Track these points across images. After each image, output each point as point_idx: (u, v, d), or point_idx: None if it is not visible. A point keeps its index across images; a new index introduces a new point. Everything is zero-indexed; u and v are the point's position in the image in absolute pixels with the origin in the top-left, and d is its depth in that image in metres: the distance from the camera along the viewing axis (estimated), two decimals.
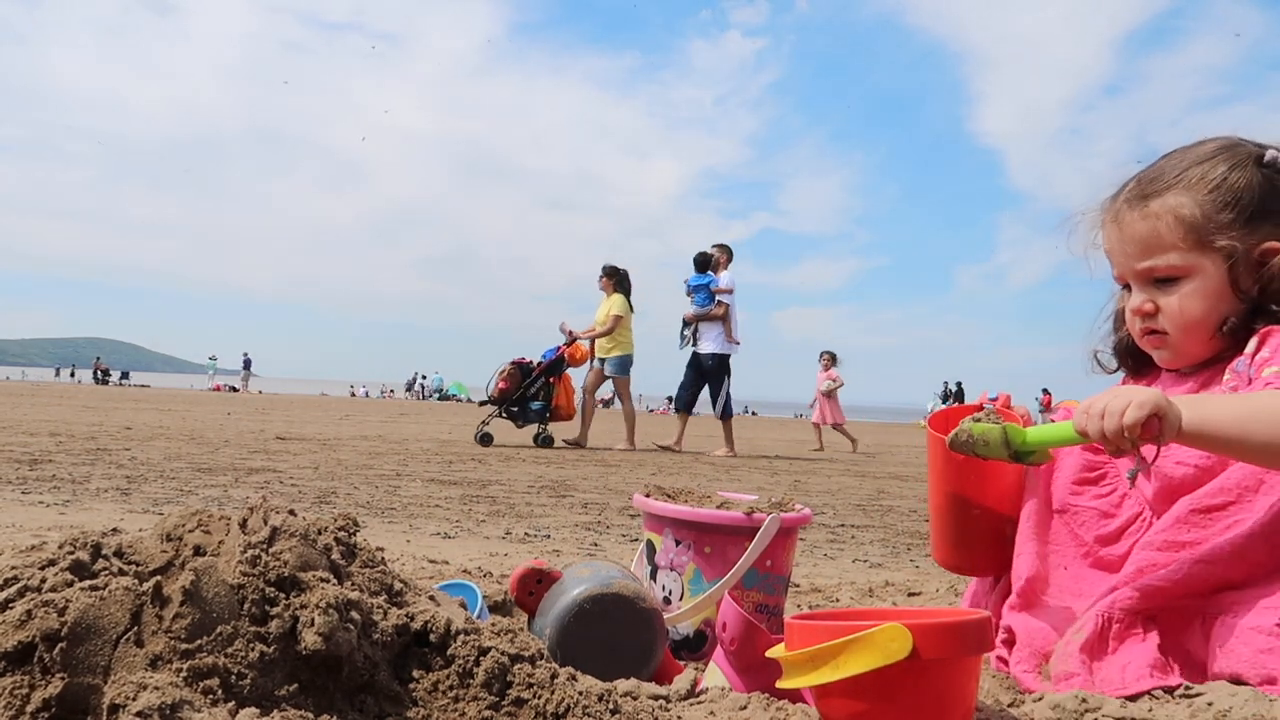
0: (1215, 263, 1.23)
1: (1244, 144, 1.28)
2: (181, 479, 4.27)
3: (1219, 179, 1.23)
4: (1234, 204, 1.22)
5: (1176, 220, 1.24)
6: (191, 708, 0.80)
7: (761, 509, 1.51)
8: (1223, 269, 1.23)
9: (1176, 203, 1.24)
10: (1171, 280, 1.27)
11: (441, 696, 0.94)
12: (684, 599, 1.51)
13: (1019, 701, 1.14)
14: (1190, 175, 1.25)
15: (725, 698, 1.09)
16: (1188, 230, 1.23)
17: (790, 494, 4.14)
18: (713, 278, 8.75)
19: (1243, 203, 1.22)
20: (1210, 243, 1.23)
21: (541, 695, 0.94)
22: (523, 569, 1.32)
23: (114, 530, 0.99)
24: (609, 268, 9.03)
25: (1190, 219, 1.23)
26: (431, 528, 3.10)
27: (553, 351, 8.70)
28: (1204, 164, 1.26)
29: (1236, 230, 1.22)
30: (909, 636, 0.94)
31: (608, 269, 9.02)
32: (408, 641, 0.97)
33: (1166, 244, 1.25)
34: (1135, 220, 1.28)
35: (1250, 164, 1.24)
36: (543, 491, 4.53)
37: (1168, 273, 1.27)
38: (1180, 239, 1.24)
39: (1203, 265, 1.24)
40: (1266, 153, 1.26)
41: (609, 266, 9.04)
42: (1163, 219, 1.25)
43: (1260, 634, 1.08)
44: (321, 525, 1.02)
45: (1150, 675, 1.14)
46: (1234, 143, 1.29)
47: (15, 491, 3.51)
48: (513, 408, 8.55)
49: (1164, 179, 1.27)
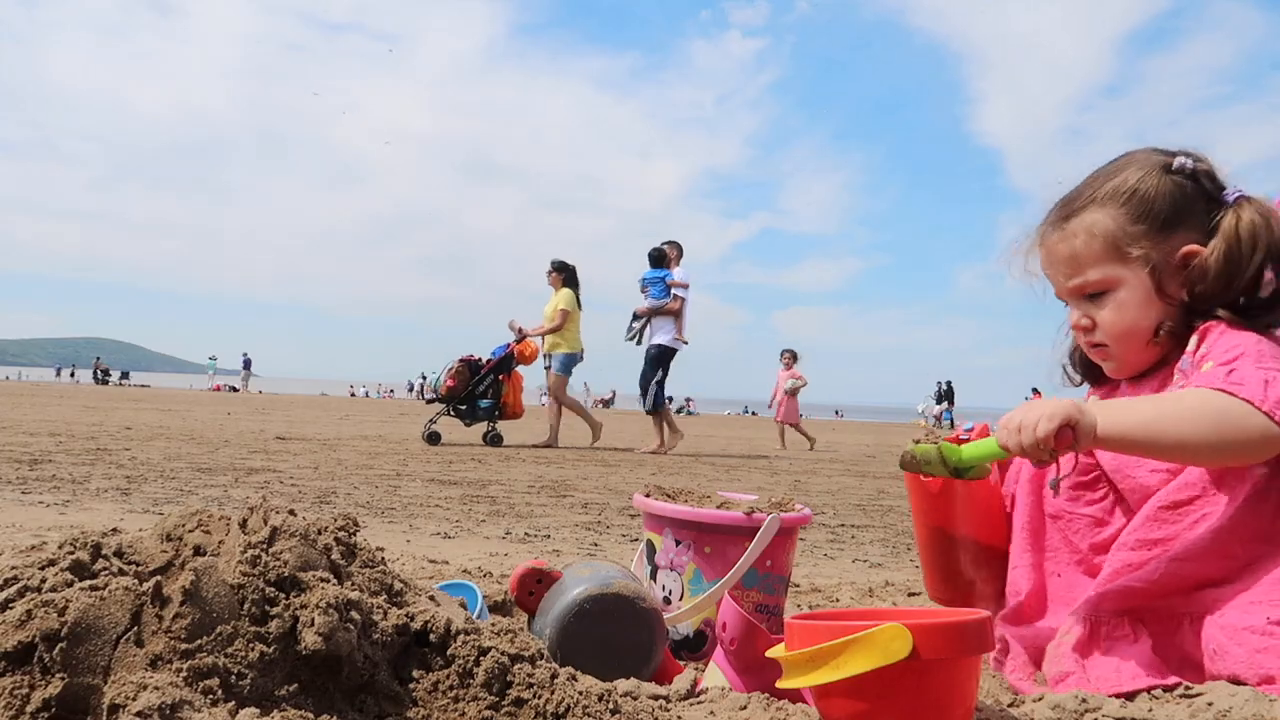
0: (1137, 272, 1.28)
1: (1156, 154, 1.32)
2: (181, 479, 4.27)
3: (1129, 191, 1.27)
4: (1146, 214, 1.26)
5: (1093, 236, 1.29)
6: (191, 708, 0.80)
7: (761, 509, 1.51)
8: (1145, 277, 1.27)
9: (1092, 220, 1.29)
10: (1101, 294, 1.31)
11: (441, 696, 0.94)
12: (684, 599, 1.51)
13: (1019, 701, 1.14)
14: (1103, 191, 1.30)
15: (725, 698, 1.09)
16: (1105, 245, 1.28)
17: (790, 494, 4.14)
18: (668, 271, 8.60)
19: (1154, 211, 1.26)
20: (1129, 254, 1.27)
21: (541, 695, 0.94)
22: (523, 569, 1.32)
23: (114, 530, 0.99)
24: (557, 262, 8.88)
25: (1106, 233, 1.28)
26: (431, 528, 3.10)
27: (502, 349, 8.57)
28: (1116, 179, 1.30)
29: (1152, 239, 1.26)
30: (909, 636, 0.94)
31: (556, 264, 8.88)
32: (408, 641, 0.97)
33: (1088, 260, 1.30)
34: (1058, 241, 1.33)
35: (1159, 173, 1.28)
36: (543, 491, 4.53)
37: (1095, 287, 1.31)
38: (1100, 254, 1.29)
39: (1126, 276, 1.28)
40: (1174, 160, 1.29)
41: (557, 261, 8.89)
42: (1080, 237, 1.30)
43: (1254, 634, 1.08)
44: (321, 525, 1.02)
45: (1146, 674, 1.14)
46: (1146, 154, 1.32)
47: (15, 491, 3.51)
48: (461, 405, 8.41)
49: (1081, 198, 1.32)
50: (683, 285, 8.55)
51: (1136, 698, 1.11)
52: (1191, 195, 1.27)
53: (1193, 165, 1.28)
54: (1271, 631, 1.07)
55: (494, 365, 8.47)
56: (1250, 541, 1.13)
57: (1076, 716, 1.06)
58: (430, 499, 3.96)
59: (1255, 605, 1.10)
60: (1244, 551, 1.13)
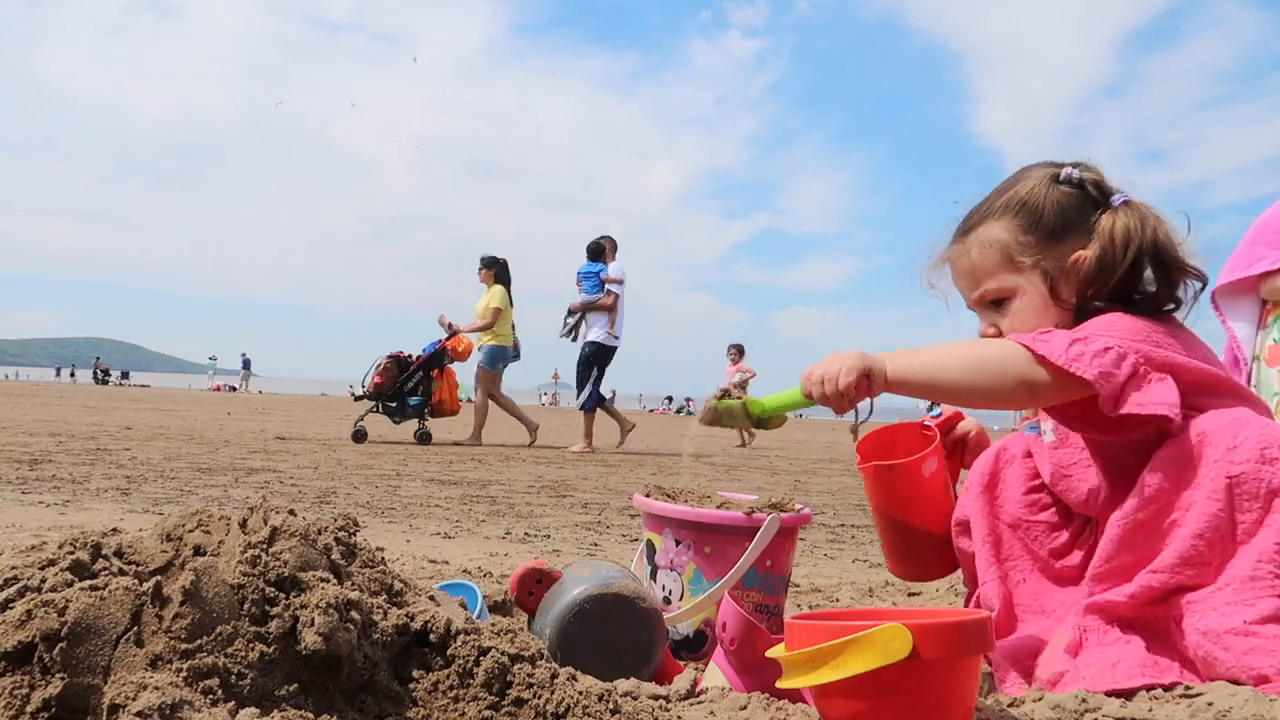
0: (1032, 279, 1.34)
1: (1048, 167, 1.38)
2: (181, 479, 4.27)
3: (1020, 203, 1.35)
4: (1036, 224, 1.33)
5: (989, 248, 1.36)
6: (191, 708, 0.80)
7: (761, 509, 1.51)
8: (1040, 284, 1.33)
9: (988, 233, 1.37)
10: (1001, 302, 1.37)
11: (441, 696, 0.94)
12: (684, 599, 1.51)
13: (1019, 701, 1.14)
14: (997, 205, 1.37)
15: (725, 698, 1.09)
16: (1000, 255, 1.36)
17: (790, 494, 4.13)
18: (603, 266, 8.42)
19: (1043, 221, 1.33)
20: (1023, 263, 1.34)
21: (541, 695, 0.94)
22: (523, 569, 1.32)
23: (114, 530, 0.99)
24: (487, 258, 8.71)
25: (1000, 244, 1.35)
26: (431, 528, 3.10)
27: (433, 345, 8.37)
28: (1008, 192, 1.37)
29: (1043, 247, 1.33)
30: (909, 636, 0.94)
31: (486, 260, 8.71)
32: (408, 641, 0.97)
33: (986, 271, 1.37)
34: (959, 255, 1.41)
35: (1048, 184, 1.35)
36: (543, 491, 4.53)
37: (995, 296, 1.37)
38: (996, 264, 1.36)
39: (1021, 284, 1.35)
40: (1062, 171, 1.35)
41: (487, 257, 8.72)
42: (977, 249, 1.37)
43: (1236, 636, 1.09)
44: (321, 525, 1.02)
45: (1141, 673, 1.15)
46: (1038, 168, 1.39)
47: (15, 491, 3.51)
48: (390, 403, 8.20)
49: (978, 213, 1.39)
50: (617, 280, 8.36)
51: (1136, 697, 1.11)
52: (1080, 203, 1.34)
53: (1079, 175, 1.34)
54: (1252, 632, 1.08)
55: (423, 362, 8.25)
56: (1218, 544, 1.14)
57: (1076, 716, 1.06)
58: (430, 499, 3.96)
59: (1231, 607, 1.10)
60: (1212, 554, 1.14)
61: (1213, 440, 1.17)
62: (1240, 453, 1.15)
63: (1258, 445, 1.15)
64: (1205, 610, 1.12)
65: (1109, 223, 1.30)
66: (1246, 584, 1.10)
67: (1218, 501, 1.14)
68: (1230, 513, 1.14)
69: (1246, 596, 1.10)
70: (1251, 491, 1.13)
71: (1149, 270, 1.29)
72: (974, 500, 1.47)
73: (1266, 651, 1.07)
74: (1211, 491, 1.15)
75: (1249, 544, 1.13)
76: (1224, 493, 1.14)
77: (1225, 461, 1.15)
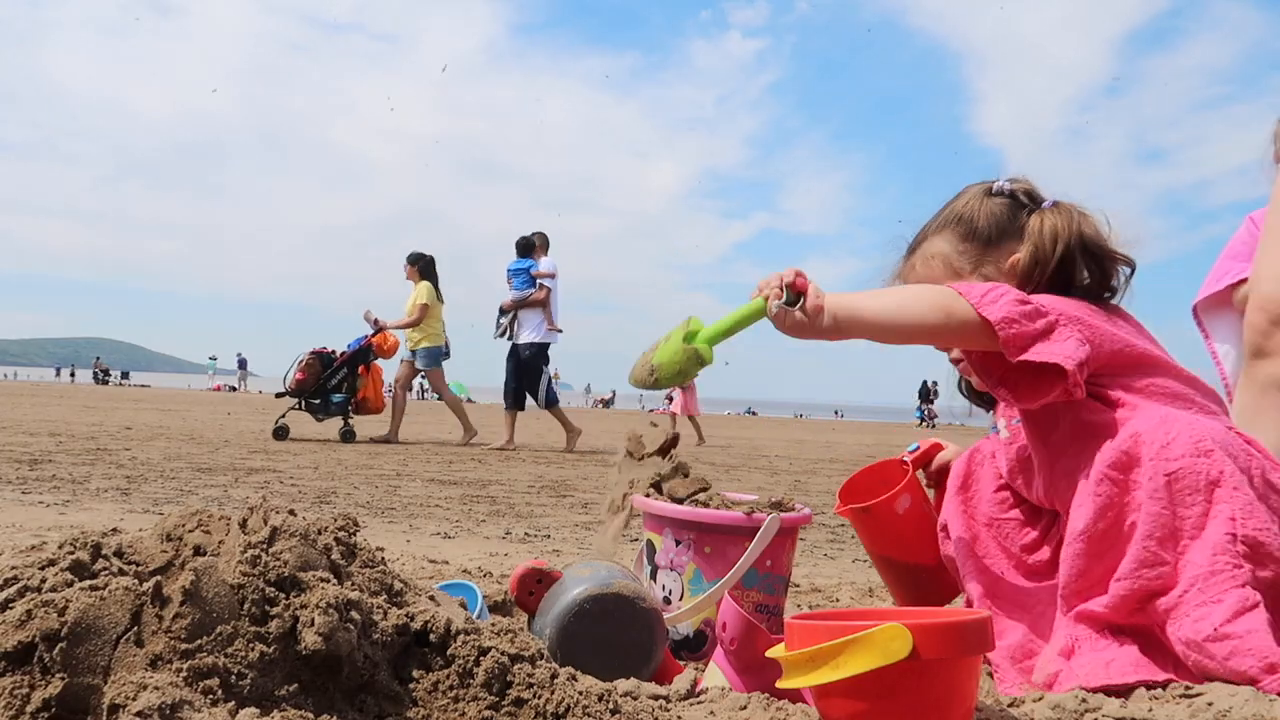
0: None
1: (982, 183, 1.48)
2: (181, 479, 4.27)
3: (957, 216, 1.44)
4: (973, 233, 1.43)
5: (933, 260, 1.45)
6: (191, 708, 0.80)
7: (761, 509, 1.51)
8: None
9: (931, 246, 1.46)
10: None
11: (441, 696, 0.94)
12: (684, 599, 1.51)
13: (1019, 701, 1.14)
14: (937, 221, 1.46)
15: (725, 698, 1.09)
16: (943, 265, 1.44)
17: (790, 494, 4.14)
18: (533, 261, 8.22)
19: (978, 229, 1.42)
20: (963, 271, 1.43)
21: (541, 695, 0.94)
22: (523, 569, 1.32)
23: (114, 530, 0.99)
24: (413, 255, 8.51)
25: (942, 255, 1.44)
26: (431, 528, 3.10)
27: (358, 342, 8.16)
28: (947, 208, 1.46)
29: (981, 254, 1.42)
30: (909, 636, 0.94)
31: (411, 256, 8.50)
32: (408, 641, 0.97)
33: (932, 282, 1.44)
34: (908, 271, 1.50)
35: (982, 196, 1.44)
36: (543, 491, 4.53)
37: None
38: (940, 275, 1.44)
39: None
40: (994, 184, 1.46)
41: (413, 254, 8.51)
42: (922, 263, 1.46)
43: (1215, 642, 1.09)
44: (321, 525, 1.02)
45: (1135, 670, 1.15)
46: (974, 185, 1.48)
47: (15, 491, 3.51)
48: (313, 400, 7.98)
49: (925, 230, 1.49)
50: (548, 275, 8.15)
51: (1135, 697, 1.11)
52: (1012, 211, 1.43)
53: (1010, 186, 1.45)
54: (1225, 635, 1.09)
55: (347, 359, 8.05)
56: (1169, 542, 1.16)
57: (1076, 716, 1.06)
58: (430, 499, 3.96)
59: (1201, 609, 1.11)
60: (1168, 553, 1.16)
61: (1146, 440, 1.19)
62: (1174, 449, 1.17)
63: (1191, 439, 1.17)
64: (1182, 618, 1.13)
65: (1037, 223, 1.39)
66: (1209, 581, 1.12)
67: (1160, 501, 1.16)
68: (1174, 509, 1.16)
69: (1212, 594, 1.11)
70: (1191, 485, 1.15)
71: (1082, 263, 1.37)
72: (950, 503, 1.53)
73: (1245, 652, 1.08)
74: (1152, 492, 1.17)
75: (1200, 539, 1.14)
76: (1164, 491, 1.16)
77: (1160, 460, 1.17)
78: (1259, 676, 1.06)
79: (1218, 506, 1.14)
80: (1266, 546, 1.12)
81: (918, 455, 1.70)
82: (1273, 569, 1.12)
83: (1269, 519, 1.14)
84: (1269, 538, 1.12)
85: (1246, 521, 1.12)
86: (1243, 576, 1.11)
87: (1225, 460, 1.16)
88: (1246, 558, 1.11)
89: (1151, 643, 1.18)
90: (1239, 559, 1.11)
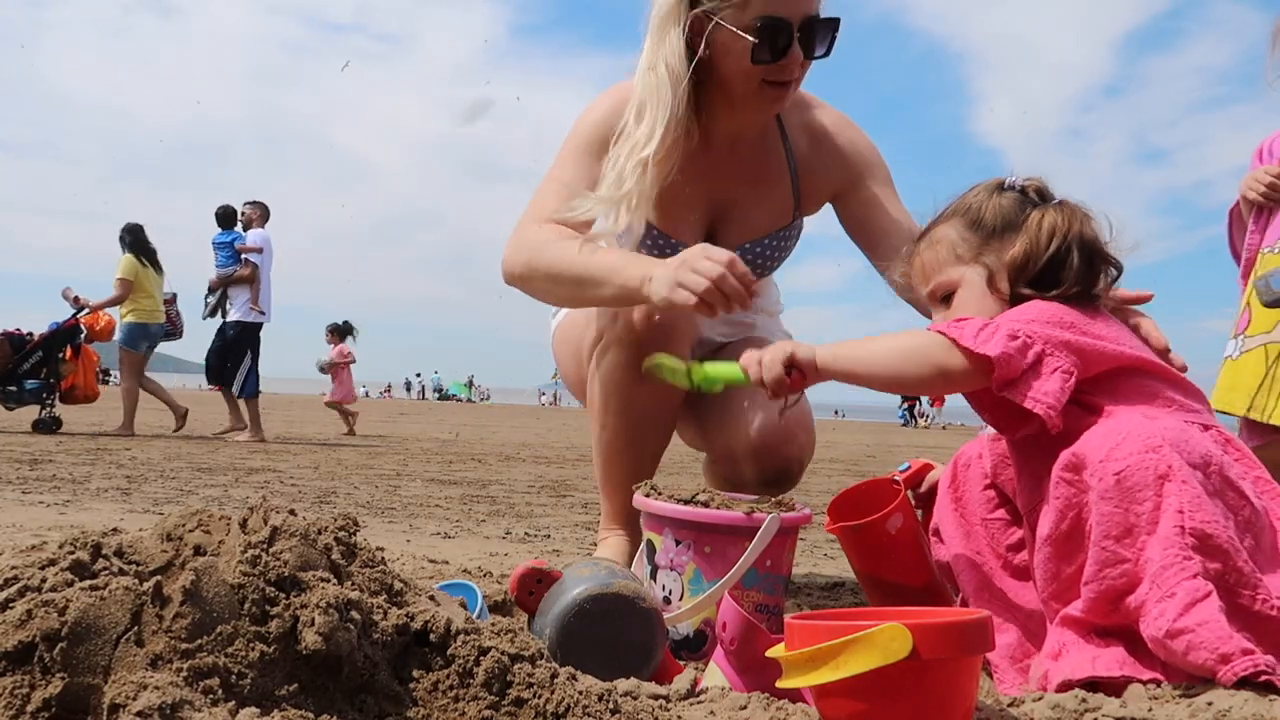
0: (975, 272, 1.46)
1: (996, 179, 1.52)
2: (181, 479, 4.27)
3: (967, 207, 1.49)
4: (978, 224, 1.47)
5: (938, 245, 1.51)
6: (192, 707, 0.80)
7: (761, 509, 1.51)
8: (980, 276, 1.45)
9: (939, 233, 1.51)
10: (949, 296, 1.49)
11: (441, 696, 0.94)
12: (684, 599, 1.51)
13: (1019, 701, 1.14)
14: (947, 212, 1.52)
15: (725, 698, 1.09)
16: (947, 251, 1.49)
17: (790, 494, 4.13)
18: (238, 234, 7.71)
19: (984, 221, 1.46)
20: (964, 257, 1.47)
21: (541, 695, 0.94)
22: (523, 569, 1.32)
23: (114, 530, 0.99)
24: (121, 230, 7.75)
25: (947, 241, 1.49)
26: (431, 528, 3.10)
27: (58, 324, 7.51)
28: (960, 200, 1.52)
29: (984, 244, 1.46)
30: (909, 636, 0.94)
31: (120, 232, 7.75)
32: (408, 641, 0.97)
33: (934, 267, 1.51)
34: (917, 255, 1.55)
35: (992, 191, 1.49)
36: (543, 491, 4.53)
37: (943, 290, 1.50)
38: (943, 260, 1.50)
39: (966, 276, 1.47)
40: (1006, 181, 1.50)
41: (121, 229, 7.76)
42: (931, 248, 1.52)
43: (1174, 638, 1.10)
44: (321, 525, 1.02)
45: (1120, 667, 1.16)
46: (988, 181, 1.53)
47: (15, 491, 3.51)
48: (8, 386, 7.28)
49: (936, 219, 1.54)
50: (255, 249, 7.62)
51: (1135, 696, 1.11)
52: (1020, 207, 1.47)
53: (1021, 183, 1.49)
54: (1181, 629, 1.09)
55: (41, 341, 7.39)
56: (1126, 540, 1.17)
57: (1076, 716, 1.06)
58: (430, 499, 3.96)
59: (1159, 605, 1.12)
60: (1127, 552, 1.16)
61: (1097, 443, 1.21)
62: (1124, 448, 1.18)
63: (1142, 437, 1.18)
64: (1147, 616, 1.14)
65: (1037, 217, 1.43)
66: (1161, 575, 1.13)
67: (1110, 500, 1.17)
68: (1126, 506, 1.17)
69: (1166, 588, 1.12)
70: (1141, 482, 1.16)
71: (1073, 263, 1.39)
72: (942, 504, 1.53)
73: (1199, 645, 1.08)
74: (1103, 491, 1.18)
75: (1155, 534, 1.15)
76: (1114, 489, 1.17)
77: (1110, 460, 1.18)
78: (1215, 668, 1.07)
79: (1167, 500, 1.15)
80: (1215, 539, 1.13)
81: (909, 475, 1.70)
82: (1220, 561, 1.13)
83: (1218, 513, 1.15)
84: (1217, 529, 1.13)
85: (1194, 514, 1.13)
86: (1192, 568, 1.11)
87: (1173, 455, 1.17)
88: (1196, 549, 1.12)
89: (1136, 642, 1.18)
90: (1188, 550, 1.12)
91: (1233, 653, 1.07)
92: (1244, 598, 1.13)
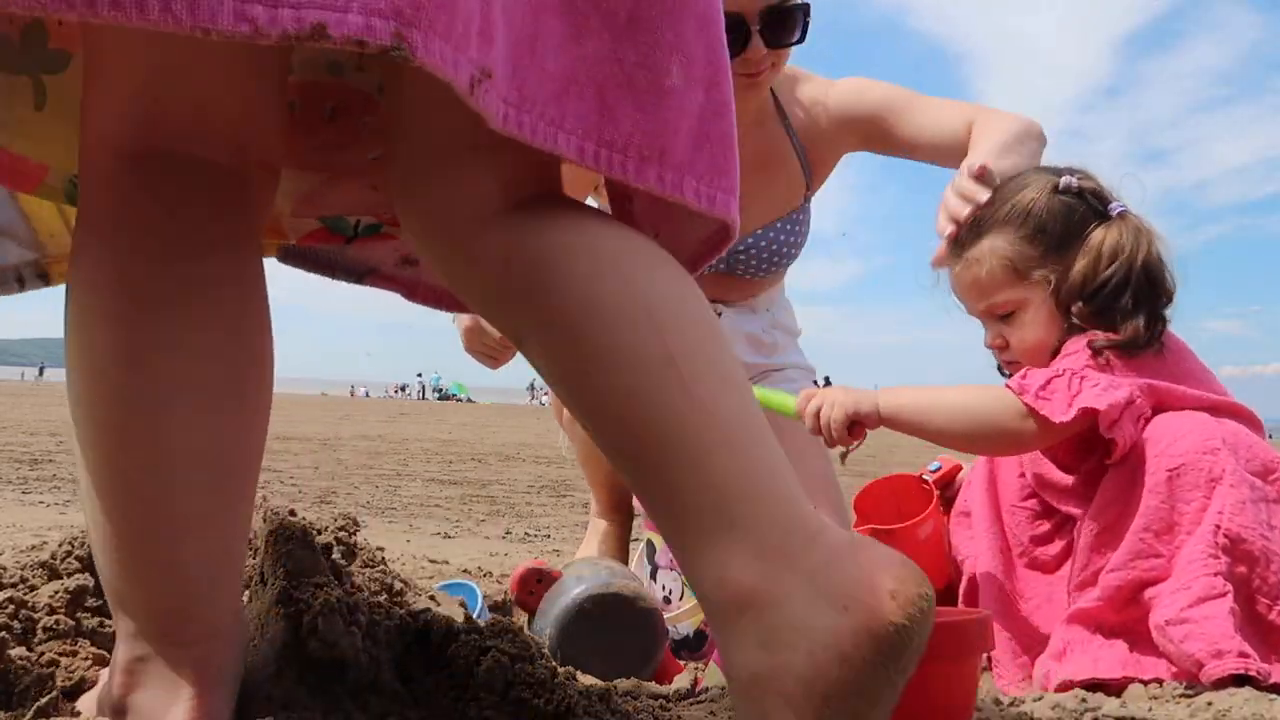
0: (1039, 292, 1.34)
1: (1046, 175, 1.38)
2: None
3: (1023, 214, 1.34)
4: (1040, 236, 1.33)
5: (995, 261, 1.35)
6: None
7: None
8: (1047, 296, 1.34)
9: (992, 245, 1.36)
10: (1010, 314, 1.38)
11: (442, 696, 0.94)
12: (684, 599, 1.51)
13: (1019, 701, 1.14)
14: (1000, 216, 1.36)
15: (725, 698, 1.09)
16: (1006, 268, 1.35)
17: None
18: None
19: (1048, 232, 1.32)
20: (1029, 275, 1.34)
21: (541, 695, 0.94)
22: (523, 569, 1.32)
23: None
24: None
25: (1006, 257, 1.35)
26: (431, 528, 3.10)
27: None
28: (1010, 203, 1.36)
29: (1049, 259, 1.33)
30: None
31: None
32: (408, 641, 0.97)
33: (991, 286, 1.37)
34: (962, 269, 1.40)
35: (1049, 194, 1.34)
36: (543, 491, 4.53)
37: (1003, 309, 1.39)
38: (1002, 279, 1.36)
39: (1030, 296, 1.35)
40: (1061, 180, 1.35)
41: None
42: (984, 263, 1.36)
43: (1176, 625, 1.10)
44: (321, 525, 1.02)
45: (1122, 667, 1.16)
46: (1037, 176, 1.39)
47: (15, 491, 3.51)
48: None
49: (983, 224, 1.38)
50: None
51: (1134, 696, 1.11)
52: (1080, 213, 1.34)
53: (1078, 184, 1.35)
54: (1185, 618, 1.10)
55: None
56: (1165, 536, 1.16)
57: (1076, 716, 1.06)
58: (430, 499, 3.97)
59: (1174, 595, 1.12)
60: (1163, 548, 1.16)
61: (1155, 438, 1.20)
62: (1180, 445, 1.18)
63: (1201, 438, 1.18)
64: (1159, 605, 1.14)
65: (1100, 236, 1.32)
66: (1185, 569, 1.13)
67: (1159, 495, 1.17)
68: (1172, 504, 1.16)
69: (1184, 580, 1.12)
70: (1192, 482, 1.16)
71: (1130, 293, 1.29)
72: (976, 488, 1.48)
73: (1198, 636, 1.08)
74: (1153, 485, 1.17)
75: (1195, 533, 1.15)
76: (1164, 485, 1.17)
77: (1165, 456, 1.18)
78: (1205, 660, 1.07)
79: (1213, 502, 1.15)
80: (1247, 544, 1.12)
81: (940, 475, 1.67)
82: (1248, 566, 1.12)
83: (1260, 520, 1.15)
84: (1252, 535, 1.13)
85: (1234, 518, 1.13)
86: (1216, 566, 1.11)
87: (1230, 459, 1.16)
88: (1225, 550, 1.12)
89: (1140, 641, 1.18)
90: (1216, 550, 1.12)
91: (1228, 651, 1.07)
92: (1261, 605, 1.12)
